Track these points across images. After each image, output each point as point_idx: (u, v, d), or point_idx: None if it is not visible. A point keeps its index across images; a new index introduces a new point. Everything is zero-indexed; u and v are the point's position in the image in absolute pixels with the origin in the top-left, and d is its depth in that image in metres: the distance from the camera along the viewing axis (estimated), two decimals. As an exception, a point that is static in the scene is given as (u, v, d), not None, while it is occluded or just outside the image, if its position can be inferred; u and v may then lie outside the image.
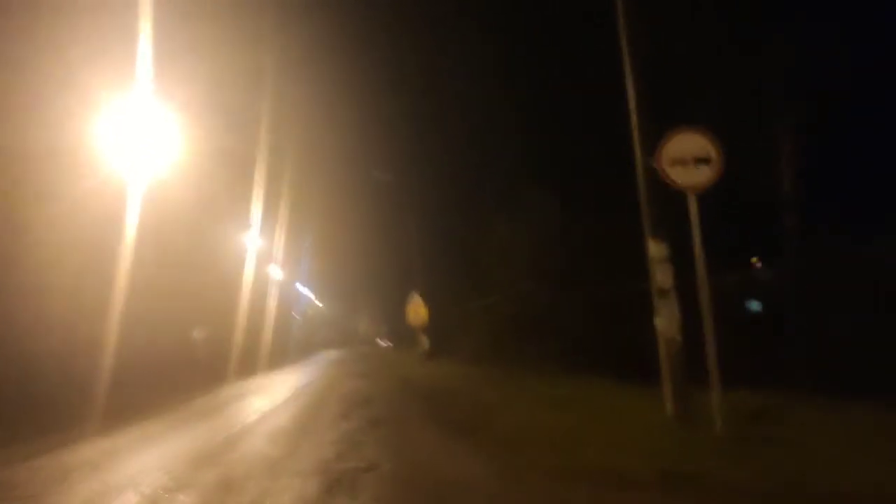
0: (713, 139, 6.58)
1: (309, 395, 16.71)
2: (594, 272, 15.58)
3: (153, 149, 20.35)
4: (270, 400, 15.88)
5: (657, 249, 7.47)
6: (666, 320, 7.43)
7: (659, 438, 6.34)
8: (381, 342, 69.71)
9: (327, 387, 19.20)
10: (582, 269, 16.23)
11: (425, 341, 27.62)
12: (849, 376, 8.20)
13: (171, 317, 25.20)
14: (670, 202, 7.25)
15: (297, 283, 64.99)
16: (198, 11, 19.79)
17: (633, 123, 7.69)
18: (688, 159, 6.60)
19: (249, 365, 31.92)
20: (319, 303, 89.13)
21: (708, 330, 6.50)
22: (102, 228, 19.06)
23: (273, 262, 46.08)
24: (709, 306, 6.55)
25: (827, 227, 10.07)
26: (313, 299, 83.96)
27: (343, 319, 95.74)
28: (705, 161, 6.57)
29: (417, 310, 24.77)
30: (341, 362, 37.59)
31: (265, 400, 16.02)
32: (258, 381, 24.79)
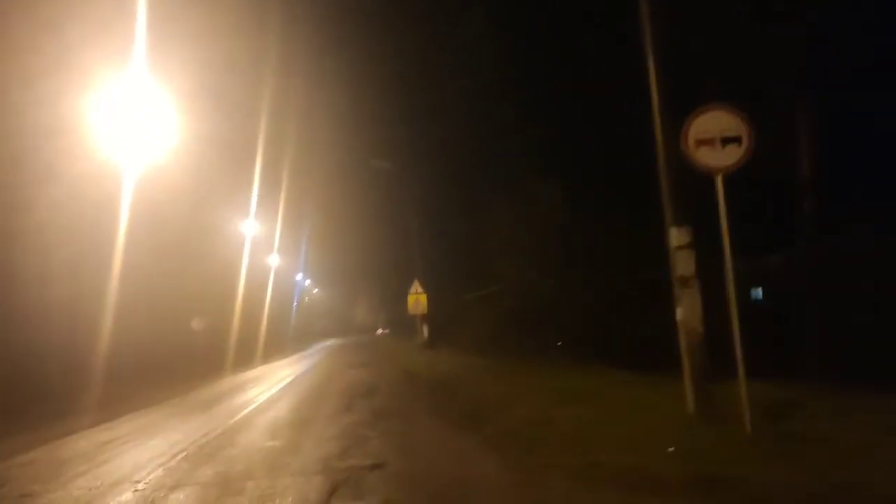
0: (743, 116, 6.16)
1: (310, 386, 16.39)
2: (599, 262, 15.24)
3: (150, 135, 19.99)
4: (270, 391, 15.56)
5: (678, 235, 7.08)
6: (688, 311, 7.02)
7: (684, 436, 5.94)
8: (380, 331, 69.66)
9: (328, 377, 18.89)
10: (586, 260, 15.90)
11: (425, 330, 27.36)
12: (870, 368, 7.89)
13: (170, 306, 24.93)
14: (692, 186, 6.86)
15: (297, 273, 64.73)
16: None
17: (654, 104, 7.27)
18: (715, 139, 6.19)
19: (248, 355, 31.71)
20: (319, 292, 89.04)
21: (734, 320, 6.13)
22: (98, 217, 18.70)
23: (272, 252, 45.79)
24: (734, 295, 6.17)
25: (849, 214, 9.65)
26: (312, 288, 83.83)
27: (342, 308, 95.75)
28: (733, 140, 6.17)
29: (418, 298, 24.42)
30: (341, 352, 37.35)
31: (265, 390, 15.69)
32: (257, 371, 24.49)
